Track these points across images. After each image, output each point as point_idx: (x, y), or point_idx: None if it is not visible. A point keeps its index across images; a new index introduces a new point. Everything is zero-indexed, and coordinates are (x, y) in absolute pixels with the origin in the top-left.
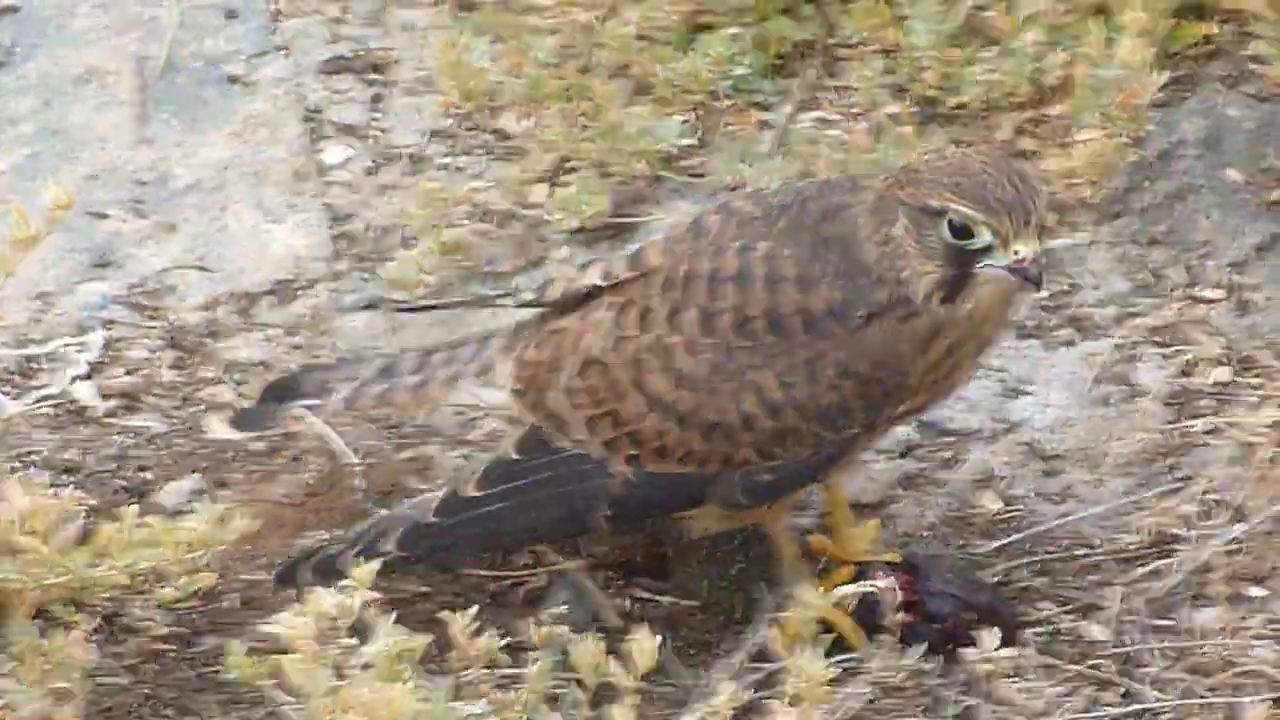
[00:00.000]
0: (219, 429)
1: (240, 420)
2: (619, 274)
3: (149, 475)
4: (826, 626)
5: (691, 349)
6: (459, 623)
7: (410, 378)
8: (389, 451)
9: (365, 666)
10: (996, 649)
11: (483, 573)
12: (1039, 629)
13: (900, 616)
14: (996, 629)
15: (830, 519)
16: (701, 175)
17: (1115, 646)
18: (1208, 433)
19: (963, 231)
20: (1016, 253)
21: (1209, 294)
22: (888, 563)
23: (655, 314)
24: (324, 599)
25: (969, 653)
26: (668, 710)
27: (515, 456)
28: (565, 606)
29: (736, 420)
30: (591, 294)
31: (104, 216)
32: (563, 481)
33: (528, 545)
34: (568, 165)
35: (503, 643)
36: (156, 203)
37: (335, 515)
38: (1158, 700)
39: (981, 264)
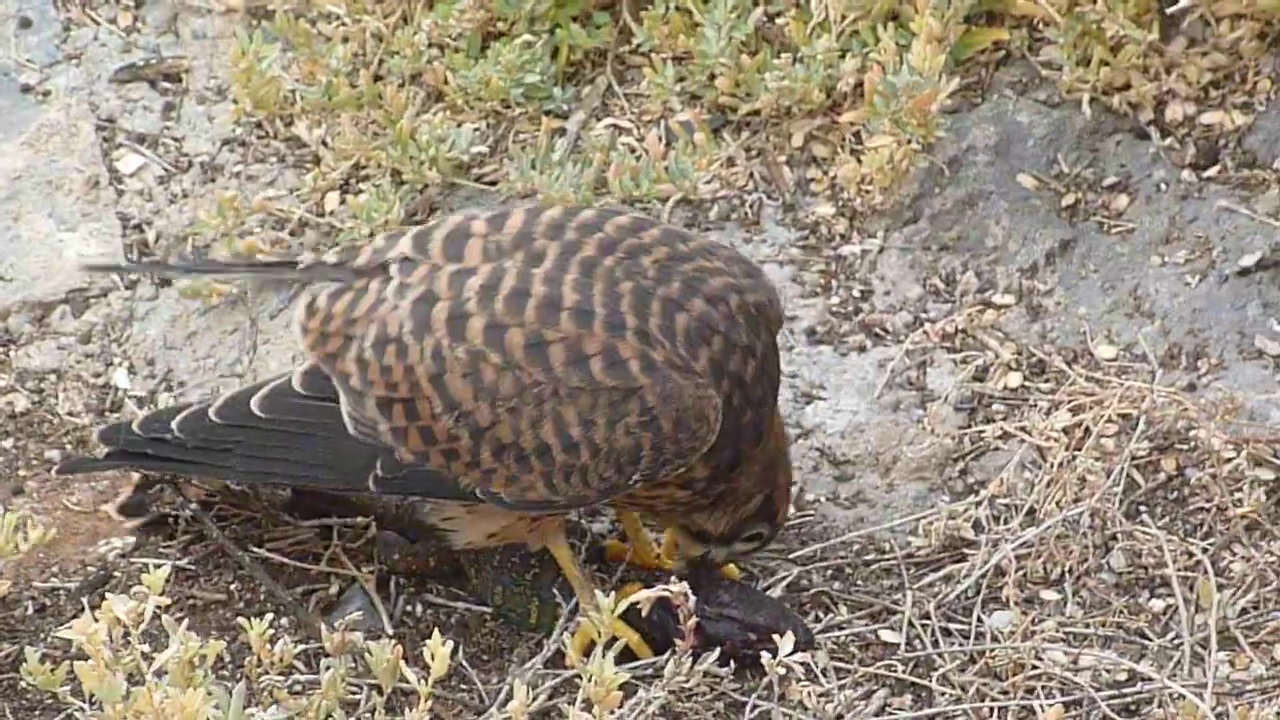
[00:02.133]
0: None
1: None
2: (433, 254)
3: None
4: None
5: (506, 368)
6: (255, 629)
7: None
8: None
9: (160, 673)
10: (790, 654)
11: (291, 566)
12: (832, 633)
13: (691, 623)
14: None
15: (625, 525)
16: (494, 183)
17: (909, 650)
18: (999, 437)
19: None
20: None
21: (1000, 299)
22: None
23: (472, 321)
24: (117, 605)
25: (764, 658)
26: (463, 716)
27: (300, 390)
28: (359, 613)
29: (531, 447)
30: (399, 263)
31: None
32: (342, 434)
33: (294, 484)
34: (361, 173)
35: (298, 649)
36: None
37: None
38: (951, 703)
39: None
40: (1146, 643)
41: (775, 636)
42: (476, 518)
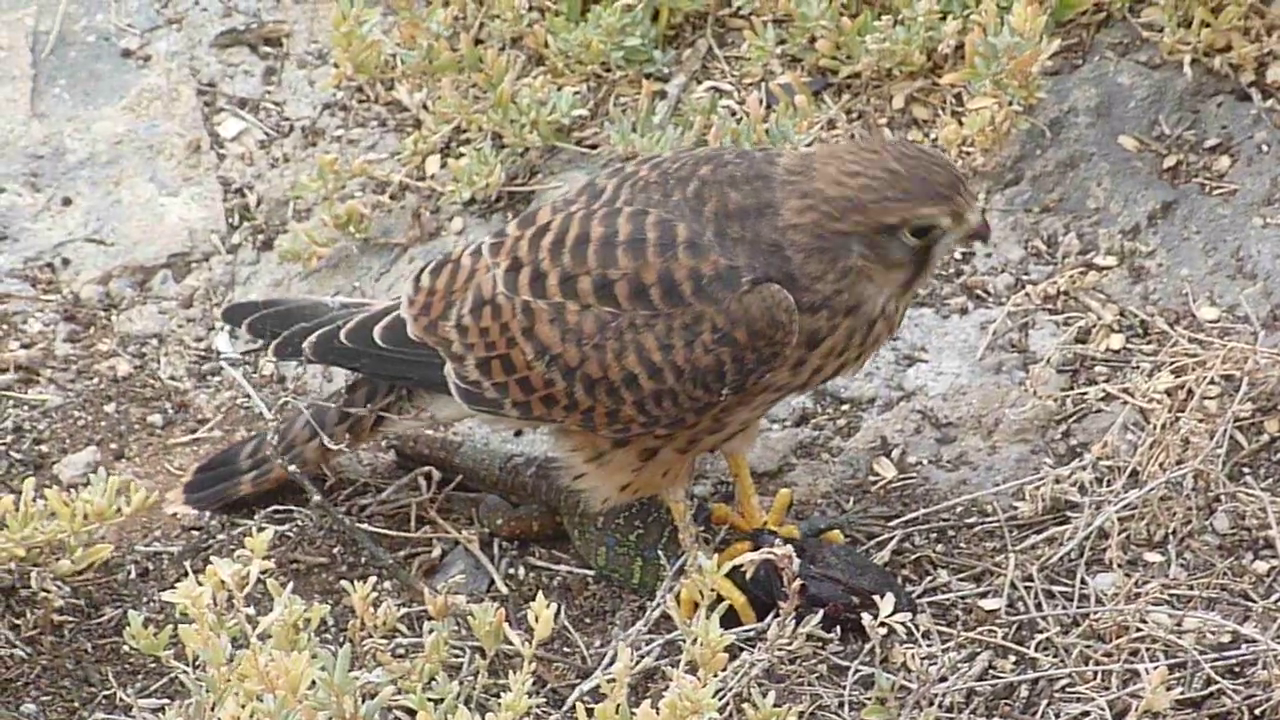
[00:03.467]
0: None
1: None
2: (510, 230)
3: (46, 448)
4: (722, 599)
5: (583, 311)
6: (358, 592)
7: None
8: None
9: (264, 636)
10: (891, 615)
11: (386, 532)
12: (935, 596)
13: (796, 585)
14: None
15: (735, 488)
16: (595, 146)
17: (1011, 613)
18: (1102, 399)
19: (925, 231)
20: (968, 221)
21: (1102, 261)
22: (783, 539)
23: (549, 278)
24: (221, 569)
25: (867, 621)
26: (566, 678)
27: (412, 337)
28: (462, 576)
29: (619, 377)
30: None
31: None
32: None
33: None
34: (462, 137)
35: (401, 612)
36: (51, 177)
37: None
38: (1054, 666)
39: (940, 243)
40: (1250, 604)
41: (877, 600)
42: (606, 471)
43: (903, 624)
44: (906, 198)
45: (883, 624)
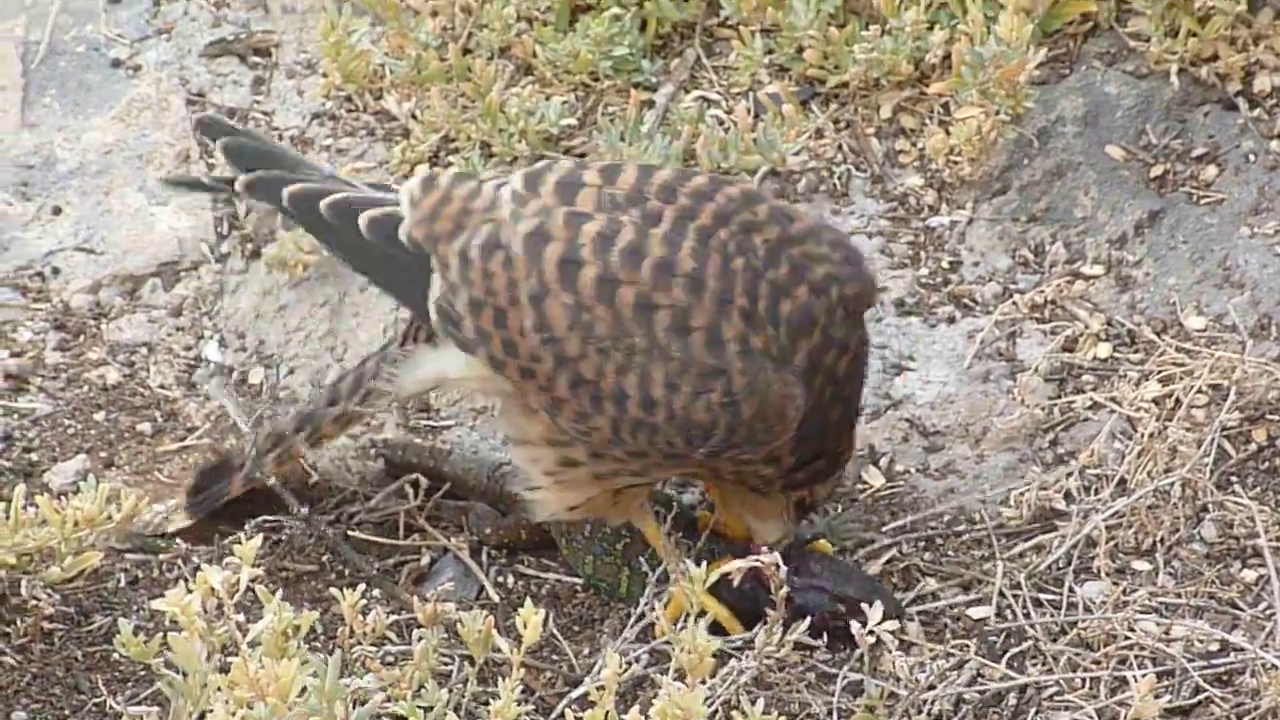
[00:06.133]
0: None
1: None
2: (544, 195)
3: (35, 456)
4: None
5: (607, 315)
6: (348, 600)
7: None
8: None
9: (253, 643)
10: (880, 623)
11: (376, 541)
12: (923, 605)
13: (783, 594)
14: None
15: (715, 497)
16: (584, 155)
17: (1000, 620)
18: (1089, 408)
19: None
20: None
21: (1090, 270)
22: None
23: (585, 269)
24: (211, 576)
25: (856, 629)
26: (556, 686)
27: (402, 238)
28: (451, 584)
29: (610, 390)
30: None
31: None
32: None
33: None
34: (451, 146)
35: (391, 620)
36: (41, 186)
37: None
38: (1042, 674)
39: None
40: (1238, 613)
41: (864, 607)
42: (561, 489)
43: (892, 632)
44: None
45: (871, 631)
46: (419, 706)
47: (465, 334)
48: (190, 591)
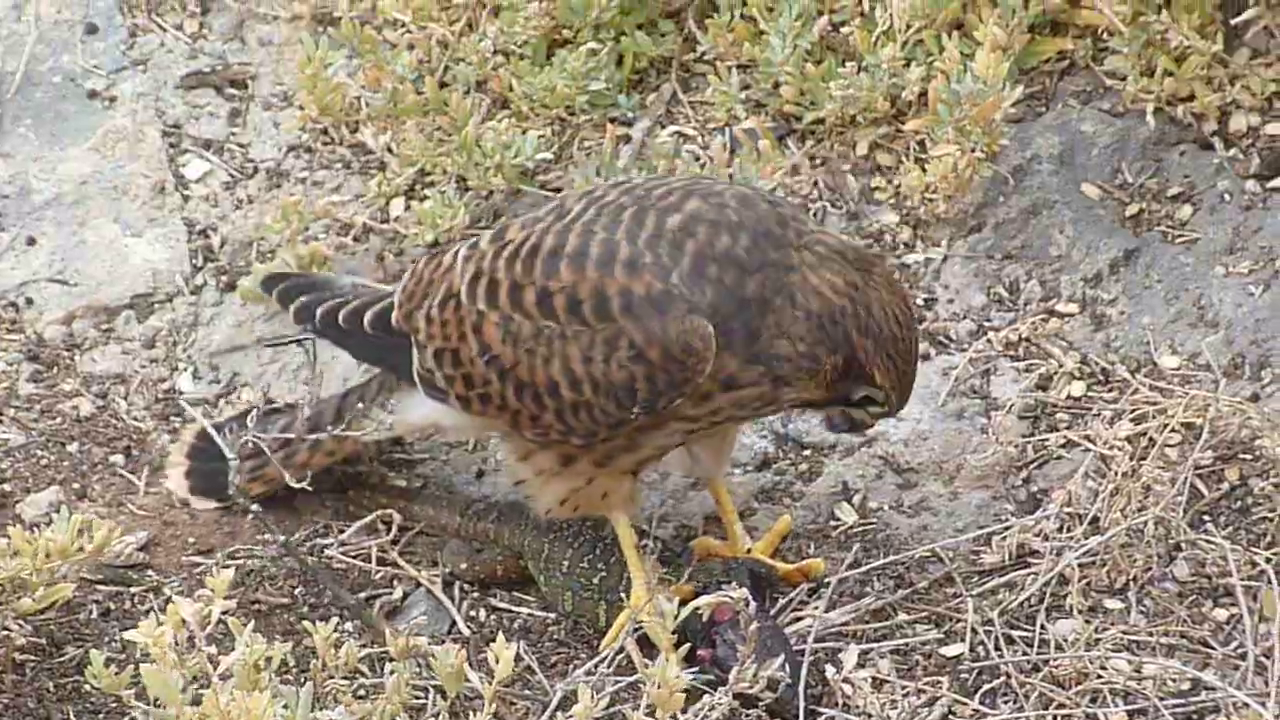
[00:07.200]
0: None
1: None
2: (482, 244)
3: (8, 487)
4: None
5: (524, 319)
6: (320, 633)
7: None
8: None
9: (225, 675)
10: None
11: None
12: (895, 641)
13: (752, 629)
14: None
15: (721, 513)
16: (559, 189)
17: (972, 658)
18: (1063, 446)
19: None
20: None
21: (1064, 308)
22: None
23: (501, 287)
24: (183, 608)
25: (829, 669)
26: (528, 718)
27: (393, 324)
28: (423, 618)
29: (544, 384)
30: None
31: None
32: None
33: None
34: (426, 179)
35: (363, 653)
36: (16, 216)
37: (196, 525)
38: (1014, 711)
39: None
40: (1210, 652)
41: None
42: (545, 479)
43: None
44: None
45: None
46: None
47: (439, 385)
48: (162, 624)
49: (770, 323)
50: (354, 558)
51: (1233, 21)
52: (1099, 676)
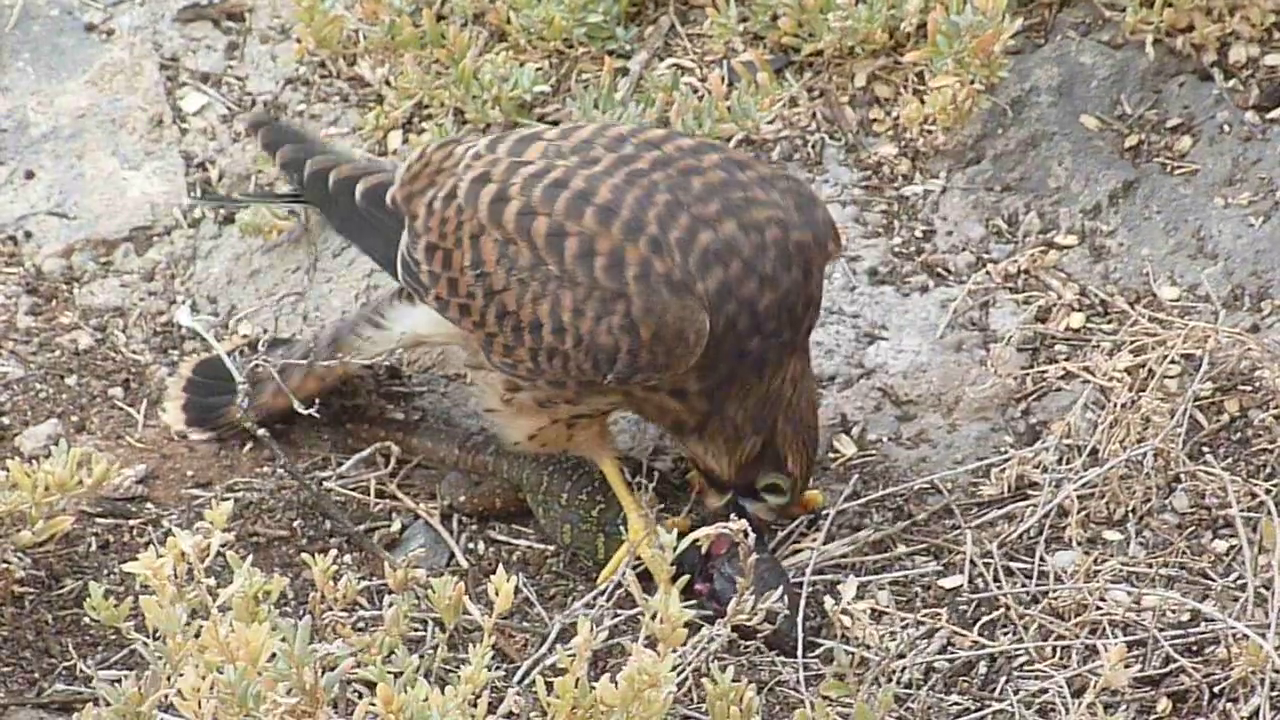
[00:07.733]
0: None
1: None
2: (499, 151)
3: (7, 420)
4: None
5: (529, 248)
6: (319, 565)
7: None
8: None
9: (224, 608)
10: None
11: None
12: (894, 573)
13: (752, 560)
14: (772, 628)
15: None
16: (557, 122)
17: (971, 589)
18: (1062, 378)
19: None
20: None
21: (1063, 240)
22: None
23: (510, 204)
24: (182, 541)
25: (827, 601)
26: (527, 651)
27: (387, 202)
28: (422, 550)
29: (528, 319)
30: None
31: None
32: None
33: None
34: (424, 112)
35: (361, 585)
36: (14, 150)
37: (195, 457)
38: (1012, 642)
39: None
40: (1210, 583)
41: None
42: (514, 412)
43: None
44: None
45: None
46: (389, 672)
47: (421, 279)
48: (161, 556)
49: (741, 385)
50: (353, 490)
51: None
52: (1098, 608)
